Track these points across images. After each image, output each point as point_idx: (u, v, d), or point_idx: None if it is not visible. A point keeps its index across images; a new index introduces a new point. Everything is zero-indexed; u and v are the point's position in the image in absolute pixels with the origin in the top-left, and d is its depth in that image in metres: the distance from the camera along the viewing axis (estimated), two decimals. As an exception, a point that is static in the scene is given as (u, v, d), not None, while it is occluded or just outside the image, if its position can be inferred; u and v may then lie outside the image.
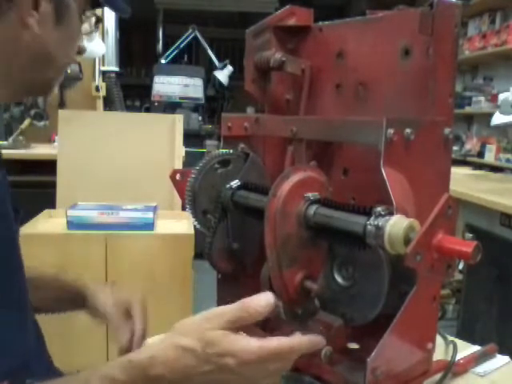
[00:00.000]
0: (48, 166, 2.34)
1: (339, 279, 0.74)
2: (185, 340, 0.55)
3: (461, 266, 2.28)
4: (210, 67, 5.11)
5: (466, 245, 0.61)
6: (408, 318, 0.63)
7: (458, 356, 0.82)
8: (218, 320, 0.56)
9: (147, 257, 1.83)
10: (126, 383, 0.55)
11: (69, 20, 0.67)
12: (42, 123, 3.12)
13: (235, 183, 0.81)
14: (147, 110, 4.90)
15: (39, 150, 3.06)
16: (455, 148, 4.48)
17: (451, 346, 0.85)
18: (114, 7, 0.74)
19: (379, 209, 0.60)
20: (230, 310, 0.57)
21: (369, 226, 0.60)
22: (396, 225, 0.58)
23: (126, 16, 0.77)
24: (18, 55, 0.64)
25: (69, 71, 2.79)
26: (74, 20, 0.68)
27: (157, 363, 0.55)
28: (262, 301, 0.58)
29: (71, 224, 1.86)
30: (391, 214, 0.60)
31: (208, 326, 0.56)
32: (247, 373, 0.55)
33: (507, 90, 2.47)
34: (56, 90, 2.58)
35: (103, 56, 3.67)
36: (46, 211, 2.06)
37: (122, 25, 4.03)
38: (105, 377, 0.55)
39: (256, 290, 0.80)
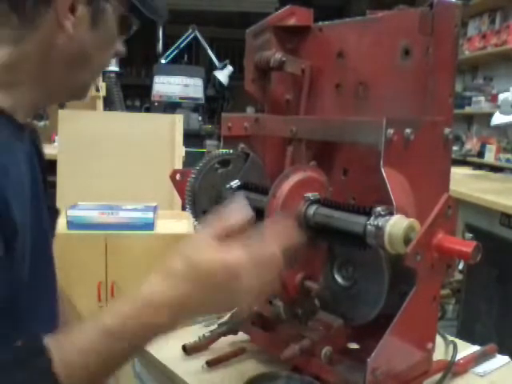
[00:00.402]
0: (48, 166, 2.34)
1: (339, 279, 0.74)
2: (174, 266, 0.58)
3: (461, 266, 2.28)
4: (210, 67, 5.10)
5: (466, 245, 0.61)
6: (408, 317, 0.63)
7: (458, 356, 0.82)
8: (203, 242, 0.58)
9: (147, 257, 1.83)
10: (134, 318, 0.56)
11: (105, 24, 0.68)
12: (41, 123, 3.12)
13: (235, 183, 0.81)
14: (147, 110, 4.90)
15: (39, 150, 3.06)
16: (455, 148, 4.48)
17: (451, 346, 0.85)
18: (150, 12, 0.74)
19: (379, 209, 0.60)
20: (212, 227, 0.59)
21: (369, 226, 0.60)
22: (396, 225, 0.58)
23: (163, 21, 0.77)
24: (54, 57, 0.66)
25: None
26: (110, 24, 0.69)
27: (156, 296, 0.57)
28: (237, 208, 0.60)
29: (71, 224, 1.85)
30: (391, 214, 0.60)
31: (192, 251, 0.58)
32: (239, 282, 0.56)
33: (507, 90, 2.47)
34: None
35: (103, 56, 3.67)
36: (46, 211, 2.06)
37: (121, 25, 4.02)
38: (116, 313, 0.57)
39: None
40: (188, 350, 0.84)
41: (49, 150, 2.91)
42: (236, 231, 0.58)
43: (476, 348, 0.89)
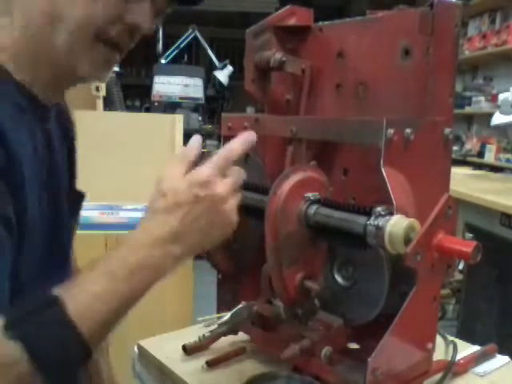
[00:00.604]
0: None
1: (339, 279, 0.74)
2: (155, 205, 0.63)
3: (461, 266, 2.28)
4: (210, 67, 5.10)
5: (466, 245, 0.61)
6: (408, 318, 0.63)
7: (458, 356, 0.82)
8: (170, 174, 0.65)
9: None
10: (130, 258, 0.58)
11: None
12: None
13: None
14: (147, 110, 4.90)
15: (39, 150, 3.05)
16: (455, 148, 4.47)
17: (451, 346, 0.85)
18: None
19: (379, 209, 0.60)
20: (178, 163, 0.66)
21: (369, 226, 0.60)
22: (396, 225, 0.58)
23: (198, 4, 0.71)
24: (33, 21, 0.61)
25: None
26: None
27: (148, 232, 0.61)
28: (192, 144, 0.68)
29: (71, 224, 1.85)
30: (391, 213, 0.60)
31: (164, 184, 0.64)
32: (211, 187, 0.60)
33: (507, 90, 2.47)
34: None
35: (103, 56, 3.66)
36: (46, 211, 2.06)
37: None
38: (113, 257, 0.58)
39: (256, 289, 0.80)
40: (188, 350, 0.84)
41: (49, 150, 2.93)
42: (196, 162, 0.64)
43: (476, 348, 0.89)
